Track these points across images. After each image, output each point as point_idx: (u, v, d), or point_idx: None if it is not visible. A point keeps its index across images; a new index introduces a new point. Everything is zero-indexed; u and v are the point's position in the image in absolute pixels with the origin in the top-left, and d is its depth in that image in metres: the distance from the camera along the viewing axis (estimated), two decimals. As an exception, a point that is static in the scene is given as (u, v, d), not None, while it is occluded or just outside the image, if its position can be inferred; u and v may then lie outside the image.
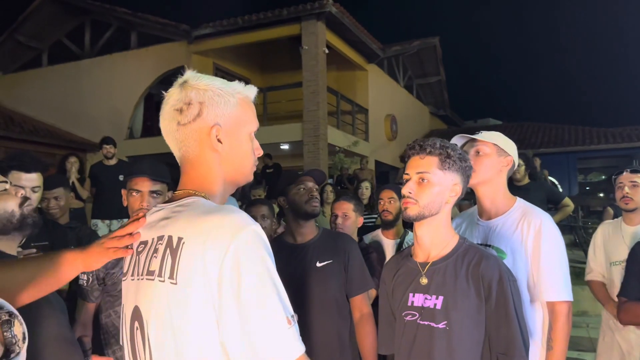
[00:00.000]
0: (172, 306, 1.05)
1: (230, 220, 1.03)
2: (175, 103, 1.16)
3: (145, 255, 1.14)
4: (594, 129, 17.25)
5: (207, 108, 1.15)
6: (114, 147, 6.63)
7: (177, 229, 1.08)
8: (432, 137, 1.72)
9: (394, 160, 16.47)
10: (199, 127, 1.15)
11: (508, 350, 1.55)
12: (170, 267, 1.05)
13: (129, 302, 1.17)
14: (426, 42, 17.32)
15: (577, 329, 5.39)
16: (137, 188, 2.17)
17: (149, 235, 1.16)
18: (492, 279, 1.59)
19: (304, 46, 11.97)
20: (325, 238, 2.40)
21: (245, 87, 1.22)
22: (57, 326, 1.48)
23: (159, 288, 1.07)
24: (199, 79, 1.17)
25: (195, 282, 1.01)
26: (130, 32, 14.11)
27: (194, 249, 1.02)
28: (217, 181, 1.19)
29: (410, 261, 1.76)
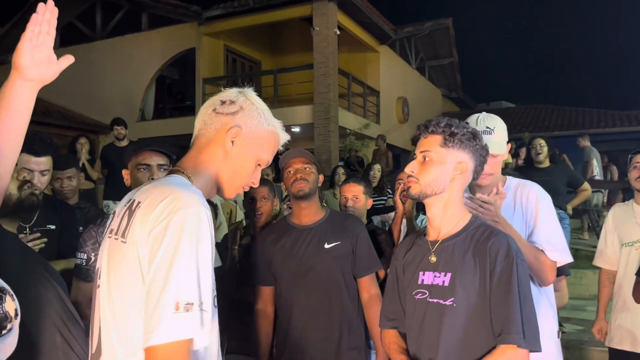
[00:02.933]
0: (117, 262, 1.15)
1: (181, 196, 1.11)
2: (224, 96, 1.31)
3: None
4: (609, 111, 16.99)
5: (243, 113, 1.29)
6: (125, 128, 6.64)
7: (141, 195, 1.18)
8: (440, 117, 1.71)
9: (405, 143, 16.37)
10: (225, 122, 1.28)
11: (504, 328, 1.49)
12: (125, 227, 1.16)
13: (100, 262, 1.27)
14: (439, 24, 17.07)
15: (586, 312, 5.36)
16: (146, 162, 2.15)
17: (124, 202, 1.27)
18: (499, 253, 1.56)
19: (315, 27, 11.86)
20: (333, 220, 2.40)
21: (283, 130, 1.38)
22: (59, 302, 1.49)
23: (115, 246, 1.19)
24: (254, 96, 1.34)
25: (137, 242, 1.10)
26: (141, 13, 14.06)
27: (143, 213, 1.12)
28: (209, 171, 1.29)
29: (422, 239, 1.76)
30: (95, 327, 1.22)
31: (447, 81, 20.58)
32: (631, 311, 2.84)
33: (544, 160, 5.18)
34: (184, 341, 1.02)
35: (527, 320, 1.51)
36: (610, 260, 3.09)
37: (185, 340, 1.02)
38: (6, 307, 0.98)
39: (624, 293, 2.90)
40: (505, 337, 1.50)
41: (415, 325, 1.68)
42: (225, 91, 1.34)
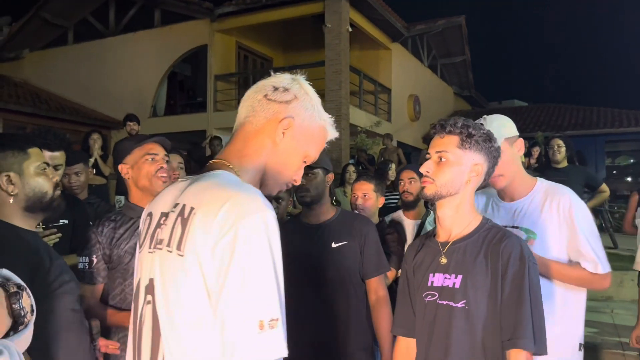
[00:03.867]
0: (176, 278, 1.01)
1: (245, 199, 1.00)
2: (276, 81, 1.20)
3: (163, 225, 1.11)
4: (623, 110, 16.79)
5: (297, 103, 1.18)
6: (138, 124, 6.67)
7: (192, 198, 1.05)
8: (457, 117, 1.68)
9: (417, 141, 16.31)
10: (278, 110, 1.17)
11: (515, 332, 1.50)
12: (179, 238, 1.02)
13: (145, 275, 1.13)
14: (451, 21, 16.98)
15: (601, 314, 5.31)
16: (154, 152, 2.11)
17: (169, 206, 1.12)
18: (511, 256, 1.55)
19: (327, 24, 11.83)
20: (343, 219, 2.37)
21: (332, 126, 1.26)
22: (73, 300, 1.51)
23: (166, 258, 1.05)
24: (308, 85, 1.23)
25: (198, 255, 0.98)
26: (154, 10, 14.12)
27: (203, 221, 0.99)
28: (256, 165, 1.17)
29: (432, 241, 1.74)
30: (144, 346, 1.09)
31: (459, 79, 20.48)
32: None
33: (562, 161, 5.12)
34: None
35: (537, 324, 1.52)
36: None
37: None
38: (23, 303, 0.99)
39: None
40: (517, 341, 1.50)
41: (425, 328, 1.67)
42: (276, 76, 1.22)
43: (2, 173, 1.47)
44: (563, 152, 5.08)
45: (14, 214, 1.49)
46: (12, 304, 0.97)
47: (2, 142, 1.49)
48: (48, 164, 1.60)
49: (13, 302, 0.97)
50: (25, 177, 1.51)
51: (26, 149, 1.53)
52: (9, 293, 0.98)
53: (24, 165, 1.51)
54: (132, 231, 2.09)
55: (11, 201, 1.48)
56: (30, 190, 1.51)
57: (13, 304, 0.97)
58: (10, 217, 1.49)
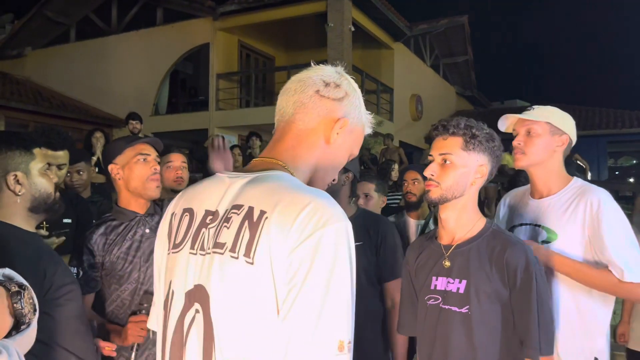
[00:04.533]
0: (241, 287, 0.92)
1: (325, 207, 0.92)
2: (326, 76, 1.11)
3: (216, 227, 1.00)
4: (626, 111, 16.76)
5: (348, 101, 1.13)
6: (140, 123, 6.68)
7: (260, 201, 0.95)
8: (457, 117, 1.65)
9: (419, 141, 16.29)
10: (332, 109, 1.10)
11: (524, 340, 1.54)
12: (247, 243, 0.92)
13: (185, 280, 1.02)
14: (454, 21, 16.96)
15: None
16: (146, 152, 2.08)
17: (218, 205, 1.02)
18: (518, 266, 1.54)
19: (329, 23, 11.83)
20: (361, 219, 2.30)
21: (371, 124, 1.21)
22: (80, 307, 1.51)
23: (229, 265, 0.94)
24: (354, 81, 1.17)
25: (271, 263, 0.90)
26: (156, 8, 14.12)
27: (278, 227, 0.90)
28: (308, 165, 1.10)
29: (434, 243, 1.72)
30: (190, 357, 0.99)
31: (461, 79, 20.46)
32: None
33: None
34: None
35: (544, 330, 1.53)
36: None
37: None
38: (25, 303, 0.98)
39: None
40: (525, 349, 1.54)
41: (428, 331, 1.66)
42: (321, 69, 1.13)
43: (10, 173, 1.46)
44: None
45: (16, 215, 1.48)
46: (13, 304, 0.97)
47: (10, 141, 1.48)
48: (50, 165, 1.59)
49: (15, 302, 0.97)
50: (32, 177, 1.50)
51: (31, 149, 1.52)
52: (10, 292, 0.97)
53: (30, 165, 1.50)
54: (123, 236, 2.06)
55: (17, 201, 1.47)
56: (37, 190, 1.51)
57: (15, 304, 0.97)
58: (12, 218, 1.48)
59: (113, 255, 2.03)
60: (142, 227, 2.09)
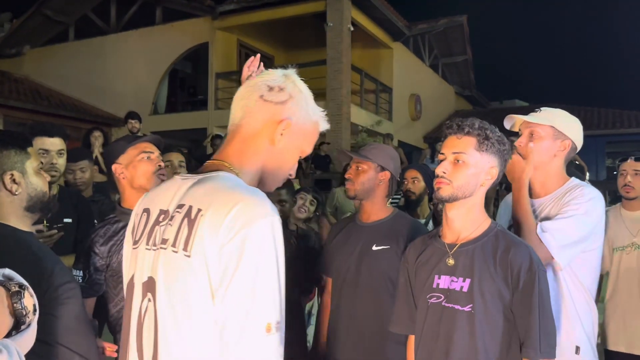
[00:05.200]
0: (181, 279, 1.02)
1: (253, 203, 1.01)
2: (271, 81, 1.19)
3: (165, 225, 1.10)
4: (625, 111, 16.78)
5: (292, 103, 1.19)
6: (139, 122, 6.66)
7: (198, 200, 1.05)
8: (472, 117, 1.65)
9: (417, 141, 16.31)
10: (275, 112, 1.17)
11: (525, 340, 1.55)
12: (185, 239, 1.02)
13: (141, 272, 1.12)
14: (453, 21, 16.96)
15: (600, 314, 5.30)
16: (149, 150, 2.08)
17: (169, 205, 1.12)
18: (522, 267, 1.55)
19: (328, 23, 11.83)
20: (393, 222, 2.26)
21: (324, 119, 1.28)
22: (80, 306, 1.50)
23: (171, 258, 1.05)
24: (300, 80, 1.23)
25: (206, 256, 0.99)
26: (155, 7, 14.13)
27: (211, 223, 1.00)
28: (255, 165, 1.18)
29: (437, 241, 1.72)
30: (146, 344, 1.08)
31: (460, 79, 20.47)
32: (627, 314, 2.84)
33: None
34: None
35: (545, 332, 1.54)
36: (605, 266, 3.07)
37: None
38: (25, 303, 0.98)
39: (618, 297, 2.90)
40: (525, 350, 1.56)
41: (428, 330, 1.66)
42: (268, 73, 1.22)
43: (7, 172, 1.46)
44: None
45: (11, 215, 1.47)
46: (13, 304, 0.97)
47: (5, 141, 1.47)
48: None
49: (15, 302, 0.97)
50: (28, 177, 1.49)
51: (26, 148, 1.51)
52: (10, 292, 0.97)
53: (26, 164, 1.49)
54: None
55: (13, 201, 1.47)
56: (33, 189, 1.50)
57: (15, 304, 0.97)
58: (7, 218, 1.47)
59: (121, 255, 2.02)
60: None
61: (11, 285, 0.98)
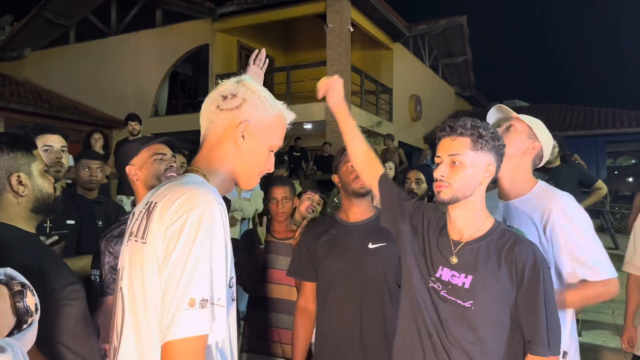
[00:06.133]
0: (138, 264, 1.16)
1: (196, 193, 1.13)
2: (223, 90, 1.30)
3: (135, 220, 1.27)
4: (625, 111, 16.77)
5: (247, 105, 1.29)
6: (140, 124, 6.66)
7: (157, 196, 1.19)
8: (463, 117, 1.66)
9: (418, 141, 16.30)
10: (232, 117, 1.28)
11: (532, 337, 1.54)
12: (144, 228, 1.17)
13: (120, 265, 1.29)
14: (453, 21, 16.98)
15: (602, 314, 5.31)
16: (162, 151, 2.10)
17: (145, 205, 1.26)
18: (526, 263, 1.55)
19: (328, 24, 11.84)
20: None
21: (287, 109, 1.37)
22: (83, 307, 1.51)
23: (135, 247, 1.19)
24: (253, 83, 1.33)
25: (155, 242, 1.11)
26: (156, 9, 14.13)
27: (160, 212, 1.13)
28: (224, 167, 1.29)
29: (444, 236, 1.72)
30: (117, 327, 1.23)
31: (460, 79, 20.47)
32: None
33: (554, 161, 5.12)
34: (200, 337, 1.03)
35: (552, 329, 1.53)
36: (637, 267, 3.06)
37: (201, 336, 1.03)
38: (27, 302, 0.99)
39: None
40: (533, 347, 1.54)
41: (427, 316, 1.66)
42: (223, 84, 1.33)
43: (13, 174, 1.47)
44: (556, 152, 5.07)
45: (17, 216, 1.49)
46: (16, 303, 0.97)
47: (11, 143, 1.49)
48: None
49: (17, 301, 0.98)
50: (34, 178, 1.51)
51: (32, 151, 1.53)
52: (13, 292, 0.98)
53: (32, 166, 1.51)
54: None
55: (19, 202, 1.48)
56: (39, 191, 1.51)
57: (17, 303, 0.98)
58: (14, 219, 1.48)
59: None
60: None
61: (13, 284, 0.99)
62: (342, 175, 2.29)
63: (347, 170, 2.26)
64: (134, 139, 2.28)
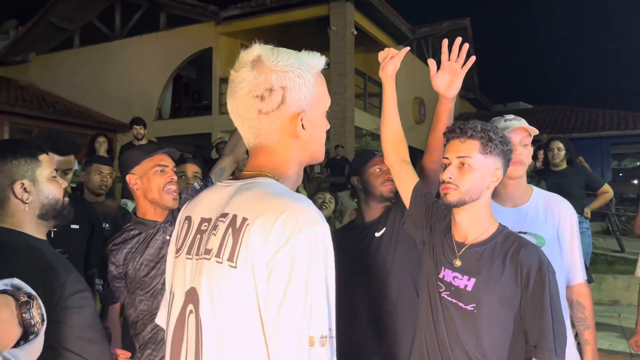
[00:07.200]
0: (226, 290, 0.98)
1: (300, 212, 0.97)
2: (253, 88, 1.07)
3: (208, 233, 1.07)
4: (630, 113, 16.70)
5: (290, 93, 1.08)
6: (144, 128, 6.69)
7: (243, 209, 1.01)
8: (473, 120, 1.66)
9: (421, 144, 16.18)
10: (282, 114, 1.08)
11: (538, 342, 1.53)
12: (231, 249, 0.99)
13: (183, 282, 1.09)
14: (456, 23, 16.97)
15: (609, 317, 5.28)
16: (164, 163, 2.09)
17: (212, 213, 1.09)
18: (532, 267, 1.55)
19: (332, 27, 11.85)
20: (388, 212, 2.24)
21: (318, 59, 1.16)
22: (93, 314, 1.51)
23: (215, 269, 1.01)
24: (276, 58, 1.10)
25: (253, 268, 0.95)
26: (159, 13, 14.18)
27: (257, 232, 0.96)
28: (293, 166, 1.13)
29: (449, 238, 1.72)
30: (189, 354, 1.06)
31: (464, 81, 20.23)
32: None
33: (561, 163, 5.11)
34: None
35: (558, 333, 1.53)
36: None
37: None
38: (34, 313, 0.98)
39: None
40: (539, 352, 1.52)
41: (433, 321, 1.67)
42: (240, 77, 1.10)
43: (17, 181, 1.47)
44: (562, 154, 5.06)
45: (26, 223, 1.49)
46: (22, 314, 0.97)
47: (15, 150, 1.48)
48: (57, 170, 1.60)
49: (24, 312, 0.97)
50: (39, 185, 1.50)
51: (37, 156, 1.52)
52: (19, 302, 0.97)
53: (37, 172, 1.50)
54: (146, 243, 2.09)
55: (25, 209, 1.48)
56: (44, 197, 1.51)
57: (24, 314, 0.97)
58: (22, 225, 1.48)
59: (137, 263, 2.05)
60: (162, 234, 2.11)
61: (20, 295, 0.98)
62: (369, 178, 2.26)
63: (376, 173, 2.25)
64: (138, 147, 2.28)
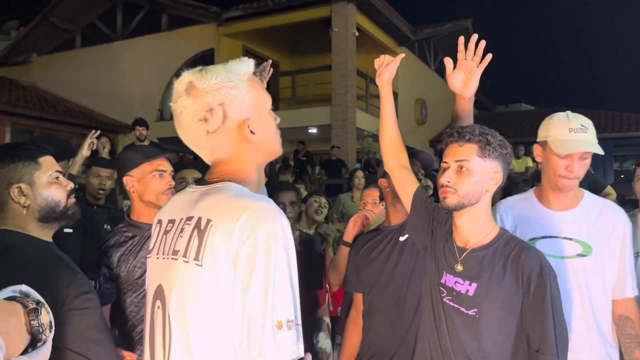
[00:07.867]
0: (193, 287, 1.06)
1: (259, 208, 1.04)
2: (195, 114, 1.14)
3: (172, 234, 1.16)
4: (632, 114, 16.68)
5: (229, 106, 1.13)
6: (147, 129, 6.69)
7: (207, 211, 1.09)
8: (471, 124, 1.65)
9: (423, 145, 16.27)
10: (229, 128, 1.14)
11: (540, 347, 1.52)
12: (197, 249, 1.06)
13: (153, 280, 1.19)
14: (458, 25, 16.96)
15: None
16: (162, 168, 2.09)
17: (177, 215, 1.17)
18: (532, 271, 1.54)
19: (334, 28, 11.86)
20: None
21: (247, 64, 1.18)
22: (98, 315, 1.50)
23: (182, 268, 1.09)
24: (206, 79, 1.13)
25: (218, 265, 1.02)
26: (161, 14, 14.21)
27: (221, 232, 1.03)
28: (252, 169, 1.19)
29: (450, 243, 1.71)
30: (157, 349, 1.14)
31: (465, 83, 20.41)
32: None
33: None
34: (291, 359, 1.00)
35: (560, 337, 1.52)
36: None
37: (292, 359, 1.00)
38: (42, 320, 0.97)
39: None
40: (541, 356, 1.52)
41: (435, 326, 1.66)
42: (180, 106, 1.17)
43: (14, 185, 1.46)
44: None
45: (29, 225, 1.48)
46: (30, 321, 0.96)
47: (13, 153, 1.48)
48: (61, 172, 1.58)
49: (32, 319, 0.96)
50: (37, 188, 1.49)
51: (37, 159, 1.51)
52: (28, 309, 0.97)
53: (35, 175, 1.49)
54: (140, 245, 2.08)
55: (24, 212, 1.47)
56: (43, 200, 1.49)
57: (32, 321, 0.96)
58: (25, 228, 1.47)
59: (130, 265, 2.05)
60: None
61: (28, 302, 0.98)
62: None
63: None
64: (137, 149, 2.27)
